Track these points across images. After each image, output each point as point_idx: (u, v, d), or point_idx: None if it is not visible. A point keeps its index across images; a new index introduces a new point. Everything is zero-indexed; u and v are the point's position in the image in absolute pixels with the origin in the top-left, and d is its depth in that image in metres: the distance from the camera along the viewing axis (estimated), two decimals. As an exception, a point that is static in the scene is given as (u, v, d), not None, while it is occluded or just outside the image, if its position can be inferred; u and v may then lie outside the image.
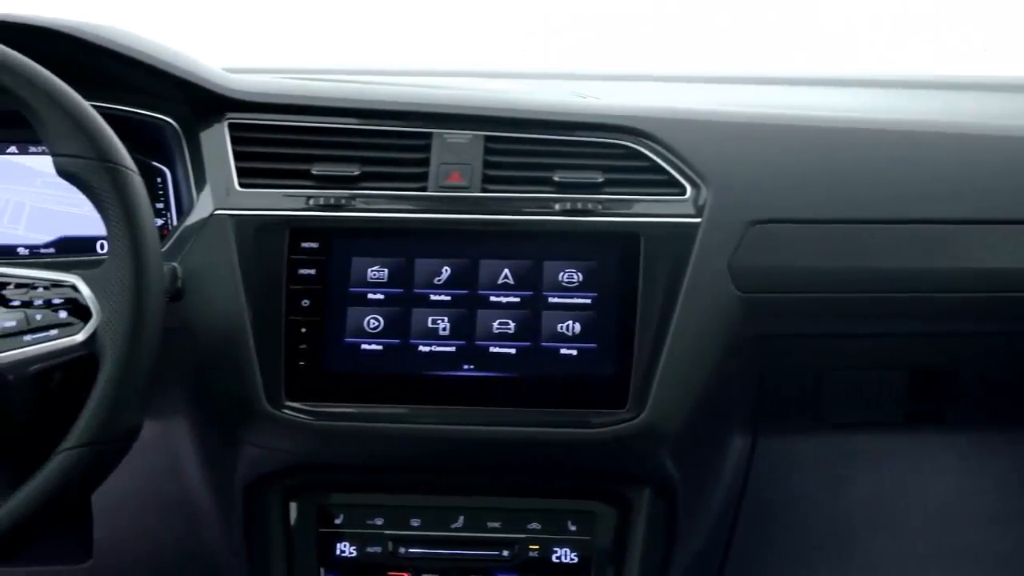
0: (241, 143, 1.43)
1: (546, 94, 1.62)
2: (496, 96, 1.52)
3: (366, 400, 1.35)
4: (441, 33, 2.29)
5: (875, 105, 1.80)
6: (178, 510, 1.54)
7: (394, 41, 2.29)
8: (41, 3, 1.52)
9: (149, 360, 1.12)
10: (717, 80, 1.98)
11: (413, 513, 1.39)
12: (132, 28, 1.49)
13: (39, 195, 1.51)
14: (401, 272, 1.36)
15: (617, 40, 2.22)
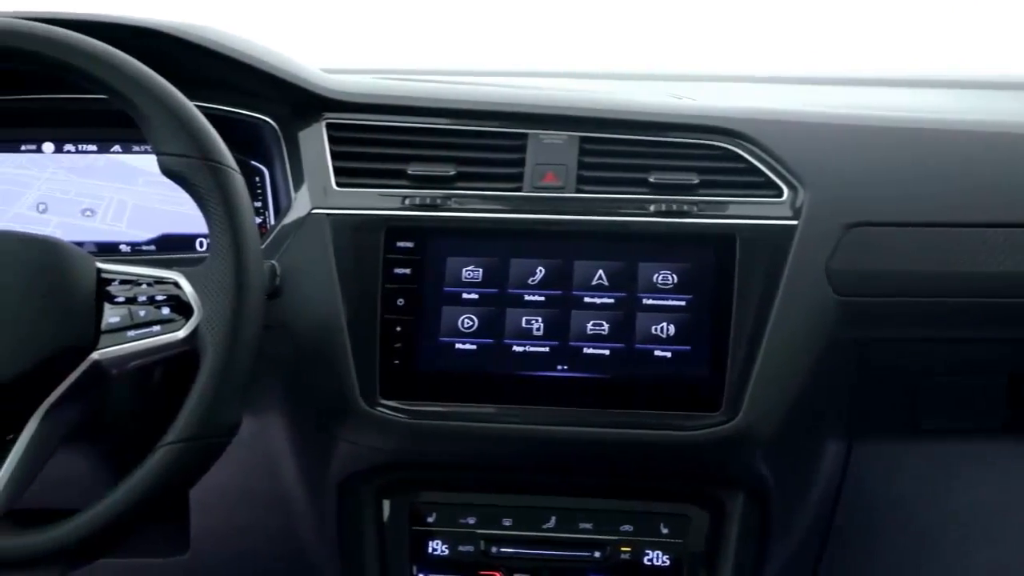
0: (338, 143, 1.44)
1: (641, 95, 1.62)
2: (592, 97, 1.52)
3: (459, 399, 1.35)
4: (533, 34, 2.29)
5: (963, 106, 1.77)
6: (273, 506, 1.56)
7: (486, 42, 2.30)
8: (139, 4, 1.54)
9: (249, 357, 1.14)
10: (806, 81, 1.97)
11: (505, 513, 1.40)
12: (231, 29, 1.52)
13: (141, 193, 1.54)
14: (496, 272, 1.36)
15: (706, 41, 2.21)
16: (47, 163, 1.54)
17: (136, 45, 1.21)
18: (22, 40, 1.16)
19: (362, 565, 1.43)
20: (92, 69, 1.16)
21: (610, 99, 1.51)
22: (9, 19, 1.18)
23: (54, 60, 1.16)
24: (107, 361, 1.15)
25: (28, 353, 1.12)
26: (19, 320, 1.13)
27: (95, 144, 1.54)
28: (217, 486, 1.18)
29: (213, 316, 1.13)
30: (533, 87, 1.60)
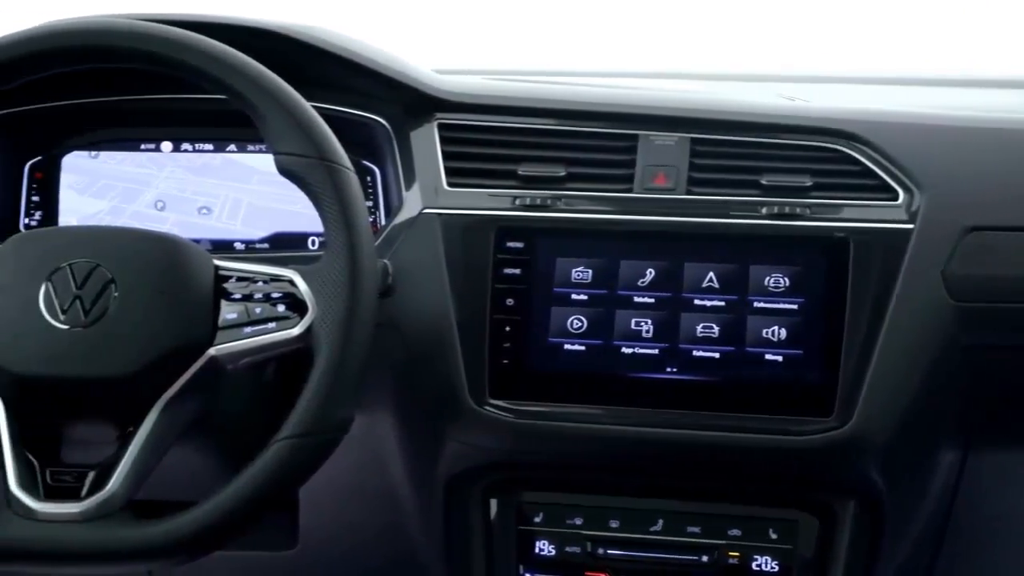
0: (450, 143, 1.45)
1: (751, 96, 1.61)
2: (702, 98, 1.51)
3: (567, 400, 1.36)
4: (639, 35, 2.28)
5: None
6: (380, 503, 1.57)
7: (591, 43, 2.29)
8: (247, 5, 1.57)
9: (362, 354, 1.15)
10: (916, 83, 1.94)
11: (612, 514, 1.39)
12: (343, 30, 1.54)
13: (255, 192, 1.57)
14: (605, 273, 1.36)
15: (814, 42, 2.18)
16: (165, 162, 1.57)
17: (251, 46, 1.23)
18: (143, 41, 1.19)
19: (469, 564, 1.44)
20: (211, 69, 1.18)
21: (721, 100, 1.50)
22: (129, 21, 1.21)
23: (174, 61, 1.18)
24: (223, 357, 1.17)
25: (149, 348, 1.14)
26: (141, 316, 1.15)
27: (211, 143, 1.57)
28: (326, 482, 1.19)
29: (328, 314, 1.14)
30: (643, 88, 1.60)
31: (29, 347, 1.14)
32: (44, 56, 1.19)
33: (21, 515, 1.11)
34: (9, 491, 1.12)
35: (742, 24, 2.22)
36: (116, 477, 1.12)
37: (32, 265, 1.18)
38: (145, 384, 1.14)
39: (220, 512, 1.12)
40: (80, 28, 1.20)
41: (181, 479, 1.27)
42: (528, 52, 2.26)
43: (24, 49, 1.19)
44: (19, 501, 1.12)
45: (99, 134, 1.58)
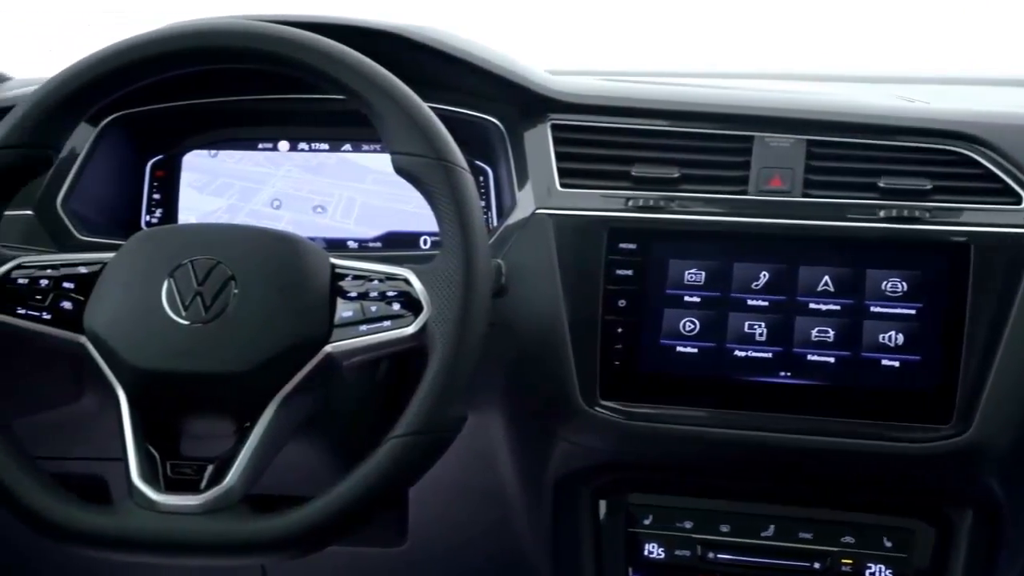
0: (563, 144, 1.45)
1: (869, 97, 1.58)
2: (819, 99, 1.49)
3: (679, 402, 1.35)
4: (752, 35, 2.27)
5: None
6: (489, 501, 1.58)
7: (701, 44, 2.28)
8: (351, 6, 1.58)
9: (476, 354, 1.15)
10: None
11: (723, 518, 1.39)
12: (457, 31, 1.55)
13: (369, 191, 1.58)
14: (718, 276, 1.35)
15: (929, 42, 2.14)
16: (282, 161, 1.60)
17: (366, 46, 1.24)
18: (263, 42, 1.21)
19: (578, 564, 1.44)
20: (331, 70, 1.20)
21: (838, 101, 1.48)
22: (250, 22, 1.23)
23: (295, 61, 1.20)
24: (339, 354, 1.18)
25: (267, 345, 1.16)
26: (260, 313, 1.17)
27: (327, 143, 1.59)
28: (435, 479, 1.19)
29: (442, 313, 1.15)
30: (758, 89, 1.58)
31: (152, 343, 1.17)
32: (169, 57, 1.22)
33: (143, 506, 1.14)
34: (132, 483, 1.15)
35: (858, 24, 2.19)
36: (234, 471, 1.14)
37: (155, 262, 1.20)
38: (263, 380, 1.16)
39: (335, 508, 1.13)
40: (203, 29, 1.22)
41: (293, 474, 1.28)
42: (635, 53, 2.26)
43: (150, 50, 1.22)
44: (141, 493, 1.14)
45: (218, 133, 1.61)
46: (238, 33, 1.21)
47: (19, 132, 1.23)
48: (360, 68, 1.20)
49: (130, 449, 1.16)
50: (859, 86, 1.79)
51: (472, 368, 1.15)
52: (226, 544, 1.14)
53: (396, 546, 1.65)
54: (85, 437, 1.56)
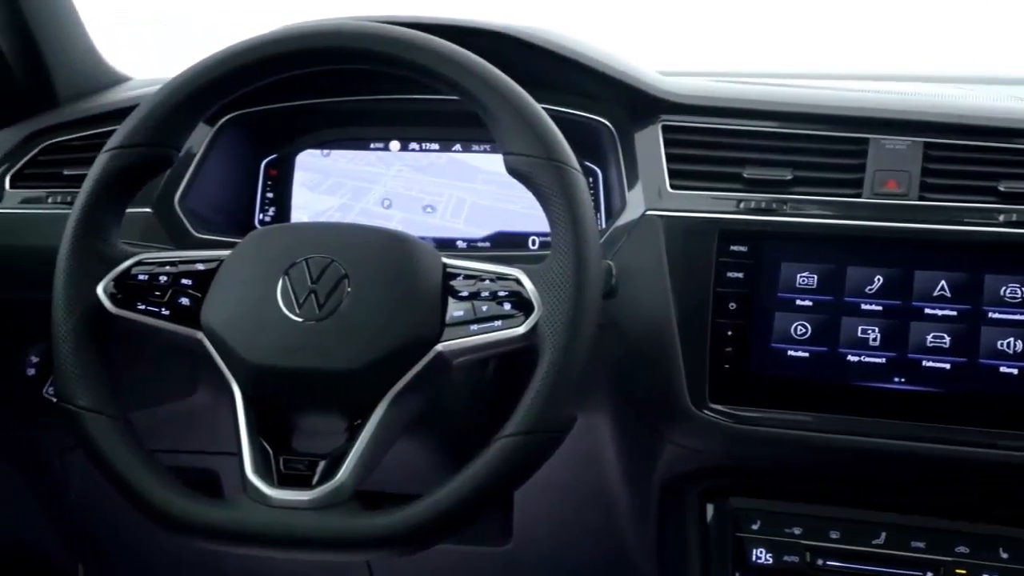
0: (674, 145, 1.44)
1: (985, 99, 1.55)
2: (935, 101, 1.46)
3: (789, 406, 1.33)
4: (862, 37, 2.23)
5: None
6: (594, 501, 1.58)
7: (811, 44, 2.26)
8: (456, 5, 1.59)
9: (586, 355, 1.15)
10: None
11: (832, 525, 1.37)
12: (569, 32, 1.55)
13: (479, 191, 1.59)
14: (831, 279, 1.33)
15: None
16: (393, 161, 1.61)
17: (478, 47, 1.24)
18: (380, 43, 1.22)
19: (684, 567, 1.43)
20: (445, 70, 1.20)
21: (955, 103, 1.45)
22: (366, 23, 1.24)
23: (409, 62, 1.21)
24: (449, 353, 1.18)
25: (380, 343, 1.17)
26: (373, 311, 1.18)
27: (437, 143, 1.61)
28: (541, 479, 1.19)
29: (553, 313, 1.15)
30: (872, 90, 1.56)
31: (266, 339, 1.19)
32: (287, 58, 1.24)
33: (256, 500, 1.16)
34: (245, 477, 1.16)
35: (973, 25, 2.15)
36: (345, 467, 1.15)
37: (271, 260, 1.22)
38: (374, 378, 1.17)
39: (444, 507, 1.14)
40: (320, 31, 1.24)
41: (401, 472, 1.29)
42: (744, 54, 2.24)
43: (268, 51, 1.24)
44: (254, 487, 1.16)
45: (331, 133, 1.63)
46: (354, 34, 1.23)
47: (142, 132, 1.25)
48: (475, 69, 1.21)
49: (244, 444, 1.18)
50: (974, 87, 1.74)
51: (582, 369, 1.15)
52: (336, 540, 1.15)
53: (500, 545, 1.65)
54: (198, 431, 1.59)
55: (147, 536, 1.53)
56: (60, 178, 1.60)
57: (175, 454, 1.53)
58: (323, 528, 1.15)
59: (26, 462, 1.80)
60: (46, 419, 1.58)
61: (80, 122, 1.65)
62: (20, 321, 1.56)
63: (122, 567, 1.92)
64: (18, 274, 1.55)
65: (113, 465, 1.20)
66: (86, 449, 1.21)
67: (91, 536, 1.86)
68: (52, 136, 1.65)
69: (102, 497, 1.51)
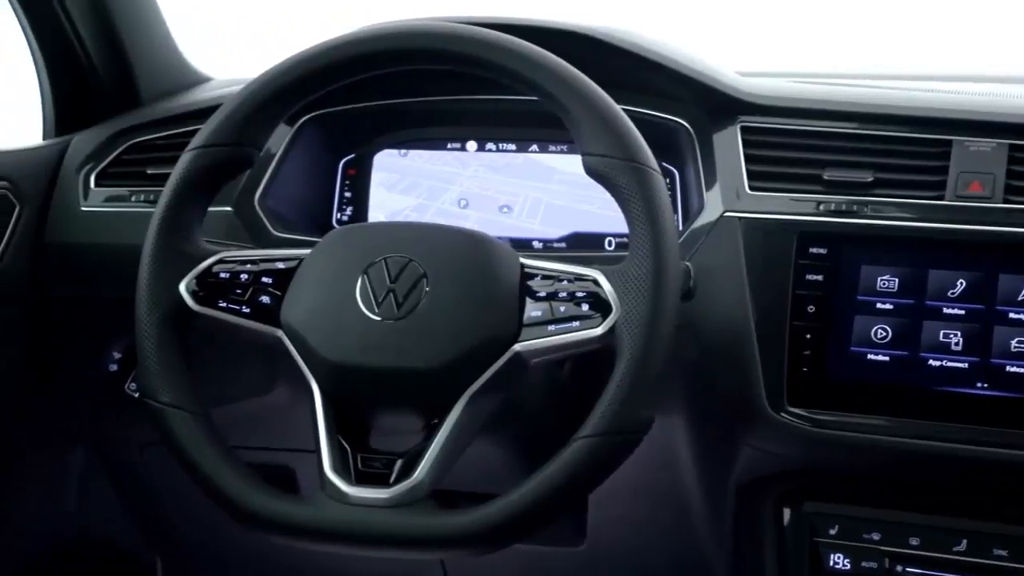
0: (753, 146, 1.43)
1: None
2: (1020, 103, 1.44)
3: (868, 411, 1.32)
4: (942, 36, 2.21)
5: None
6: (668, 503, 1.57)
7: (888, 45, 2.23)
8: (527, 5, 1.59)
9: (664, 356, 1.14)
10: None
11: (912, 531, 1.35)
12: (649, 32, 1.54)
13: (555, 192, 1.59)
14: (912, 283, 1.32)
15: None
16: (470, 161, 1.62)
17: (557, 48, 1.24)
18: (461, 44, 1.22)
19: (759, 571, 1.42)
20: (526, 71, 1.20)
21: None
22: (446, 24, 1.24)
23: (490, 63, 1.22)
24: (527, 353, 1.18)
25: (457, 342, 1.17)
26: (451, 311, 1.18)
27: (514, 143, 1.61)
28: (615, 480, 1.19)
29: (632, 314, 1.14)
30: (955, 91, 1.53)
31: (345, 338, 1.19)
32: (369, 58, 1.25)
33: (334, 498, 1.16)
34: (324, 474, 1.17)
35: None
36: (422, 466, 1.16)
37: (350, 259, 1.23)
38: (452, 377, 1.17)
39: (521, 507, 1.14)
40: (402, 31, 1.25)
41: (475, 471, 1.29)
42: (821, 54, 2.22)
43: (350, 52, 1.25)
44: (333, 484, 1.17)
45: (409, 133, 1.64)
46: (437, 35, 1.23)
47: (224, 131, 1.27)
48: (556, 70, 1.20)
49: (323, 441, 1.19)
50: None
51: (660, 370, 1.14)
52: (413, 538, 1.15)
53: (574, 546, 1.65)
54: (275, 428, 1.61)
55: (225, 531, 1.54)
56: (143, 177, 1.63)
57: (252, 450, 1.55)
58: (400, 526, 1.15)
59: (107, 457, 1.83)
60: (127, 415, 1.60)
61: (163, 122, 1.67)
62: (103, 318, 1.59)
63: (199, 561, 1.95)
64: (102, 271, 1.58)
65: (195, 461, 1.21)
66: (168, 445, 1.23)
67: (169, 530, 1.88)
68: (136, 136, 1.67)
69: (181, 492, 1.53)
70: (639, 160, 1.18)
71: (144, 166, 1.64)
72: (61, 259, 1.64)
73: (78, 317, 1.66)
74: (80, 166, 1.67)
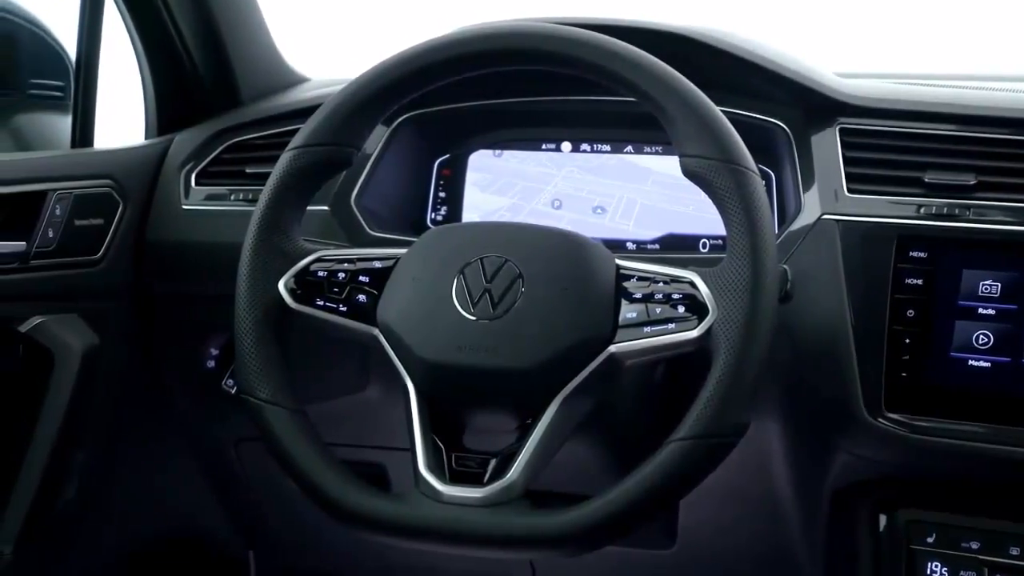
0: (852, 148, 1.42)
1: None
2: None
3: (969, 417, 1.30)
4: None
5: None
6: (761, 508, 1.56)
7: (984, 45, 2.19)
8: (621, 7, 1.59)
9: (761, 360, 1.13)
10: None
11: (1013, 540, 1.33)
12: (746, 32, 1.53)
13: (649, 193, 1.59)
14: (1016, 288, 1.29)
15: None
16: (564, 162, 1.62)
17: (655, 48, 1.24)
18: (560, 44, 1.22)
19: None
20: (625, 72, 1.20)
21: None
22: (543, 24, 1.25)
23: (588, 63, 1.22)
24: (622, 354, 1.18)
25: (553, 343, 1.17)
26: (547, 311, 1.18)
27: (609, 144, 1.61)
28: (708, 483, 1.18)
29: (729, 316, 1.14)
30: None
31: (441, 337, 1.20)
32: (467, 59, 1.25)
33: (429, 496, 1.17)
34: (419, 473, 1.18)
35: None
36: (516, 466, 1.16)
37: (446, 259, 1.24)
38: (547, 377, 1.18)
39: (616, 508, 1.14)
40: (499, 32, 1.25)
41: (569, 472, 1.29)
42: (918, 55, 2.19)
43: (449, 53, 1.25)
44: (427, 483, 1.17)
45: (503, 133, 1.65)
46: (534, 35, 1.23)
47: (325, 131, 1.28)
48: (653, 70, 1.20)
49: (418, 440, 1.19)
50: None
51: (757, 373, 1.13)
52: (507, 538, 1.16)
53: (665, 548, 1.64)
54: (368, 425, 1.62)
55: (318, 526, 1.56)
56: (243, 176, 1.65)
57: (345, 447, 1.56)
58: (494, 526, 1.15)
59: (203, 451, 1.86)
60: (223, 410, 1.63)
61: (262, 121, 1.70)
62: (201, 314, 1.62)
63: (292, 555, 1.97)
64: (201, 269, 1.61)
65: (292, 456, 1.23)
66: (266, 440, 1.24)
67: (263, 524, 1.91)
68: (235, 135, 1.70)
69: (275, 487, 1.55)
70: (737, 161, 1.17)
71: (244, 165, 1.66)
72: (162, 256, 1.67)
73: (179, 314, 1.69)
74: (181, 165, 1.70)
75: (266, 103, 1.81)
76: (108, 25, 1.75)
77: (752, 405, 1.15)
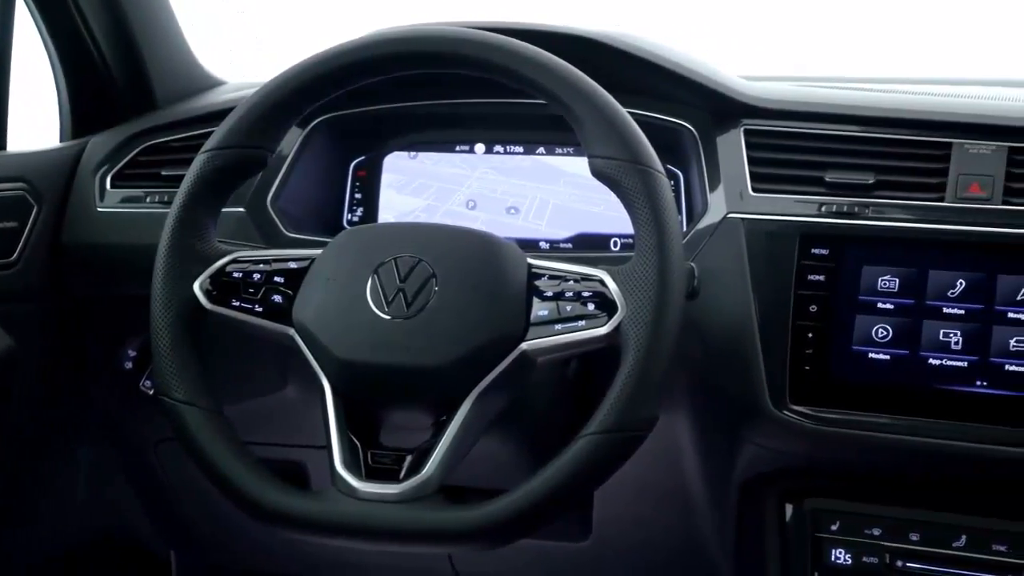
0: (756, 149, 1.45)
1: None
2: (1020, 106, 1.46)
3: (870, 408, 1.34)
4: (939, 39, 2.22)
5: None
6: (673, 500, 1.59)
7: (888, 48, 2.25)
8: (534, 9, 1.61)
9: (669, 355, 1.16)
10: None
11: (912, 527, 1.37)
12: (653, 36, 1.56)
13: (561, 193, 1.61)
14: (913, 283, 1.34)
15: None
16: (478, 163, 1.64)
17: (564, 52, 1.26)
18: (470, 48, 1.24)
19: (762, 567, 1.44)
20: (534, 75, 1.23)
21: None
22: (455, 28, 1.27)
23: (499, 66, 1.24)
24: (534, 352, 1.20)
25: (466, 341, 1.19)
26: (459, 310, 1.20)
27: (522, 146, 1.63)
28: (620, 477, 1.20)
29: (637, 313, 1.16)
30: (954, 95, 1.55)
31: (356, 336, 1.22)
32: (379, 62, 1.27)
33: (345, 493, 1.19)
34: (335, 470, 1.19)
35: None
36: (431, 462, 1.18)
37: (360, 259, 1.25)
38: (460, 375, 1.20)
39: (529, 502, 1.16)
40: (412, 35, 1.27)
41: (483, 467, 1.31)
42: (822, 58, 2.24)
43: (361, 55, 1.27)
44: (344, 480, 1.19)
45: (418, 136, 1.66)
46: (442, 39, 1.25)
47: (238, 134, 1.29)
48: (561, 73, 1.23)
49: (334, 438, 1.21)
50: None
51: (665, 368, 1.16)
52: (422, 532, 1.18)
53: (580, 541, 1.67)
54: (287, 425, 1.63)
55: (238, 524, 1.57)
56: (158, 178, 1.65)
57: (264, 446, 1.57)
58: (410, 521, 1.17)
59: (123, 452, 1.85)
60: (142, 411, 1.63)
61: (178, 124, 1.70)
62: (118, 316, 1.62)
63: (213, 554, 1.97)
64: (117, 270, 1.61)
65: (208, 456, 1.23)
66: (182, 440, 1.25)
67: (183, 524, 1.91)
68: (151, 138, 1.70)
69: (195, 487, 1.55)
70: (644, 162, 1.20)
71: (159, 168, 1.67)
72: (79, 259, 1.66)
73: (97, 315, 1.69)
74: (96, 167, 1.70)
75: (182, 106, 1.81)
76: (20, 26, 1.74)
77: (660, 399, 1.18)
